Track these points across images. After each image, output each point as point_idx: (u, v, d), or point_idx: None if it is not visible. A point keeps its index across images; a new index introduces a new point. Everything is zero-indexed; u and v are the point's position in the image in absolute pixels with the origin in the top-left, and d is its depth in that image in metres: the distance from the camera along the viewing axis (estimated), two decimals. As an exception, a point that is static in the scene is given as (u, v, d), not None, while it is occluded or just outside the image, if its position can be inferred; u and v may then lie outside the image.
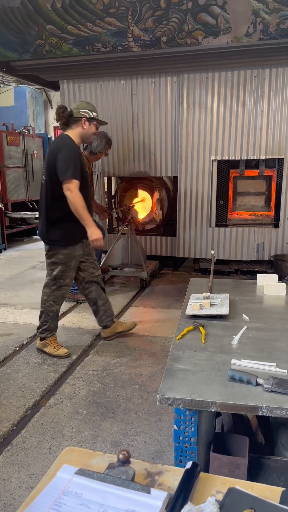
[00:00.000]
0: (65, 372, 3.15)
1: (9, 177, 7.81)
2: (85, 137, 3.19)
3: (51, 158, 3.03)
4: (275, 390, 1.33)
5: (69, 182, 2.96)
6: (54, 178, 3.03)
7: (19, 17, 4.80)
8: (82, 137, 3.17)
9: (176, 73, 5.28)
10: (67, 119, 3.09)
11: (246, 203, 5.78)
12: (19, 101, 8.69)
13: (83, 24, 4.66)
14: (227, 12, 4.23)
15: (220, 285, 2.61)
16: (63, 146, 3.04)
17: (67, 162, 2.98)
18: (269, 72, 5.01)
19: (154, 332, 3.89)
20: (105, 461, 0.91)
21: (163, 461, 2.18)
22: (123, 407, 2.68)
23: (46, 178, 3.11)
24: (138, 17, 4.49)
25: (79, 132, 3.13)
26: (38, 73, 5.73)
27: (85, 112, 3.11)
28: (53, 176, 3.04)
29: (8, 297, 4.93)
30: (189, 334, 1.84)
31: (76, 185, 2.98)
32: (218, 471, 1.34)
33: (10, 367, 3.23)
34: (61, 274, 3.21)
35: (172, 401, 1.33)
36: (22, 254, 7.42)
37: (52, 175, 3.04)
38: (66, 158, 2.99)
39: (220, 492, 0.83)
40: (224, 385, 1.40)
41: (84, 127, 3.12)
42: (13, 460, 2.22)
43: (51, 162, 3.03)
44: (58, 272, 3.20)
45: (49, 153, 3.10)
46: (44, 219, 3.16)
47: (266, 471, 1.51)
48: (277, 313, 2.13)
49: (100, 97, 5.64)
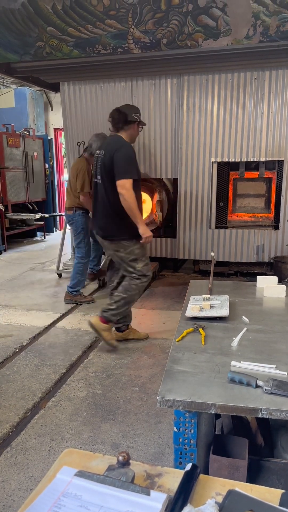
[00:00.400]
0: (64, 374, 3.15)
1: (9, 179, 7.80)
2: (133, 138, 3.41)
3: (109, 159, 3.19)
4: (275, 392, 1.33)
5: (124, 181, 3.13)
6: (110, 178, 3.20)
7: (20, 19, 4.81)
8: (131, 139, 3.38)
9: (176, 75, 5.29)
10: (123, 122, 3.30)
11: (246, 205, 5.78)
12: (20, 102, 8.69)
13: (83, 26, 4.67)
14: (227, 15, 4.24)
15: (220, 287, 2.61)
16: (121, 147, 3.22)
17: (125, 162, 3.17)
18: (269, 74, 5.02)
19: (154, 334, 3.88)
20: (104, 463, 0.91)
21: (163, 463, 2.18)
22: (123, 409, 2.68)
23: (103, 178, 3.25)
24: (138, 19, 4.50)
25: (130, 134, 3.35)
26: (39, 74, 5.74)
27: (136, 116, 3.35)
28: (109, 176, 3.21)
29: (8, 298, 4.93)
30: (189, 336, 1.84)
31: (130, 184, 3.14)
32: (218, 473, 1.34)
33: (10, 369, 3.23)
34: (142, 268, 3.38)
35: (172, 403, 1.33)
36: (22, 255, 7.42)
37: (109, 175, 3.20)
38: (125, 158, 3.17)
39: (219, 494, 0.83)
40: (224, 387, 1.40)
41: (134, 129, 3.36)
42: (12, 461, 2.22)
43: (108, 163, 3.19)
44: (141, 266, 3.37)
45: (105, 154, 3.24)
46: (109, 218, 3.30)
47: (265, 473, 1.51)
48: (277, 315, 2.13)
49: (101, 99, 5.65)
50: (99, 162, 3.31)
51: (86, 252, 4.67)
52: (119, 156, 3.16)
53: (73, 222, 4.61)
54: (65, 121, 5.89)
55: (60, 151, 9.88)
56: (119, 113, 3.30)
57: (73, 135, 5.88)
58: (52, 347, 3.60)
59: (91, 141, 4.56)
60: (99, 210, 3.39)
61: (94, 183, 3.44)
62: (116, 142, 3.27)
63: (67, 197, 4.74)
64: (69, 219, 4.69)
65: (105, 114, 5.62)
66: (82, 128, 5.81)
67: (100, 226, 3.41)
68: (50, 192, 9.32)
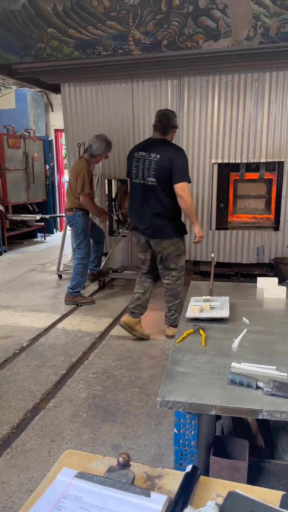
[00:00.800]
0: (65, 375, 3.14)
1: (9, 180, 7.81)
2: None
3: (167, 162, 3.33)
4: (275, 394, 1.33)
5: (184, 184, 3.33)
6: (166, 181, 3.36)
7: (20, 20, 4.82)
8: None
9: (177, 77, 5.30)
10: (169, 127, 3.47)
11: (247, 206, 5.78)
12: (20, 103, 8.70)
13: (84, 27, 4.68)
14: (227, 16, 4.25)
15: (220, 288, 2.61)
16: (176, 153, 3.40)
17: (184, 166, 3.37)
18: (269, 75, 5.02)
19: (154, 335, 3.88)
20: (105, 464, 0.91)
21: (163, 464, 2.17)
22: (123, 410, 2.68)
23: (157, 180, 3.38)
24: (139, 20, 4.50)
25: (171, 138, 3.53)
26: (39, 76, 5.75)
27: (176, 121, 3.54)
28: (166, 179, 3.36)
29: (8, 299, 4.93)
30: (189, 337, 1.84)
31: (189, 187, 3.37)
32: (218, 475, 1.33)
33: (10, 370, 3.23)
34: (183, 263, 3.65)
35: (172, 404, 1.33)
36: (22, 256, 7.42)
37: (165, 178, 3.35)
38: (183, 163, 3.38)
39: (220, 495, 0.83)
40: (224, 388, 1.40)
41: (174, 133, 3.55)
42: (12, 463, 2.22)
43: (165, 165, 3.33)
44: (183, 262, 3.63)
45: (162, 158, 3.35)
46: (161, 218, 3.47)
47: (266, 474, 1.50)
48: (277, 316, 2.13)
49: (101, 100, 5.65)
50: (151, 165, 3.39)
51: (86, 253, 4.67)
52: (179, 160, 3.34)
53: (73, 223, 4.61)
54: (65, 122, 5.90)
55: (60, 152, 9.89)
56: (167, 118, 3.44)
57: (74, 136, 5.88)
58: (52, 348, 3.60)
59: (91, 142, 4.56)
60: (146, 211, 3.50)
61: (136, 184, 3.52)
62: (171, 147, 3.45)
63: (67, 198, 4.74)
64: (69, 220, 4.69)
65: (106, 115, 5.67)
66: (82, 129, 5.81)
67: (149, 226, 3.51)
68: (51, 193, 9.33)
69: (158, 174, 3.36)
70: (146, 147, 3.49)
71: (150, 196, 3.44)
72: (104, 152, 4.57)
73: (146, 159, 3.41)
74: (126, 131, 5.66)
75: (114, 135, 5.54)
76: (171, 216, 3.47)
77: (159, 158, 3.36)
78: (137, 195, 3.53)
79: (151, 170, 3.39)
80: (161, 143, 3.45)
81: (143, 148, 3.51)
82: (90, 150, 4.55)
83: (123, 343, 3.70)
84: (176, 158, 3.33)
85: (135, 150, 3.60)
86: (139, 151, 3.52)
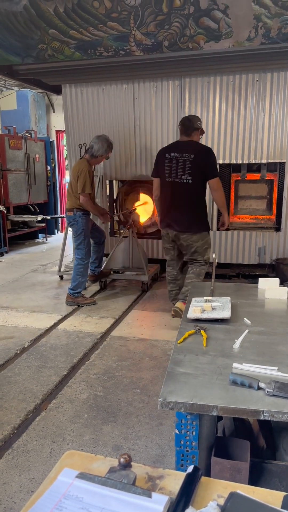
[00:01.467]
0: (66, 376, 3.14)
1: (11, 181, 7.82)
2: None
3: (200, 161, 3.67)
4: (277, 394, 1.33)
5: (217, 180, 3.73)
6: (200, 178, 3.71)
7: (22, 22, 4.84)
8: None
9: (178, 77, 5.30)
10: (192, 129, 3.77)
11: (248, 206, 5.78)
12: (21, 105, 8.71)
13: (85, 28, 4.69)
14: (228, 17, 4.25)
15: (221, 288, 2.61)
16: (208, 151, 3.76)
17: (215, 163, 3.76)
18: (270, 76, 5.02)
19: (155, 336, 3.88)
20: (106, 465, 0.91)
21: (164, 465, 2.17)
22: (124, 411, 2.68)
23: (192, 178, 3.71)
24: (140, 21, 4.51)
25: (197, 140, 3.84)
26: (41, 77, 5.76)
27: (199, 123, 3.84)
28: (199, 176, 3.70)
29: (10, 300, 4.94)
30: (190, 337, 1.83)
31: (220, 182, 3.76)
32: (220, 476, 1.33)
33: (11, 370, 3.23)
34: (209, 255, 3.90)
35: (174, 405, 1.33)
36: (23, 257, 7.42)
37: (199, 176, 3.70)
38: (214, 160, 3.76)
39: (221, 496, 0.83)
40: (226, 389, 1.39)
41: (198, 135, 3.84)
42: (13, 463, 2.22)
43: (200, 165, 3.68)
44: (209, 254, 3.89)
45: (196, 157, 3.68)
46: (192, 213, 3.80)
47: (267, 475, 1.50)
48: (279, 317, 2.13)
49: (102, 101, 5.66)
50: (186, 164, 3.70)
51: (86, 254, 4.66)
52: (211, 159, 3.71)
53: (74, 224, 4.61)
54: (66, 123, 5.91)
55: (61, 153, 9.90)
56: (189, 121, 3.78)
57: (75, 137, 5.89)
58: (54, 349, 3.60)
59: (92, 143, 4.56)
60: (178, 207, 3.82)
61: (170, 183, 3.81)
62: (201, 147, 3.79)
63: (68, 198, 4.73)
64: (69, 221, 4.69)
65: (107, 116, 5.67)
66: (84, 130, 5.82)
67: (181, 221, 3.82)
68: (52, 194, 9.34)
69: (193, 172, 3.69)
70: (178, 148, 3.80)
71: (183, 193, 3.77)
72: (105, 153, 4.56)
73: (180, 159, 3.72)
74: (127, 132, 5.67)
75: (115, 136, 5.54)
76: (201, 212, 3.80)
77: (193, 157, 3.68)
78: (169, 192, 3.85)
79: (186, 169, 3.71)
80: (191, 144, 3.78)
81: (174, 150, 3.81)
82: (91, 150, 4.55)
83: (124, 344, 3.70)
84: (208, 157, 3.71)
85: (165, 151, 3.87)
86: (170, 152, 3.81)
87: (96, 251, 5.15)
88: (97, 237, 5.07)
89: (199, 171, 3.69)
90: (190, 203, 3.79)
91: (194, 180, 3.71)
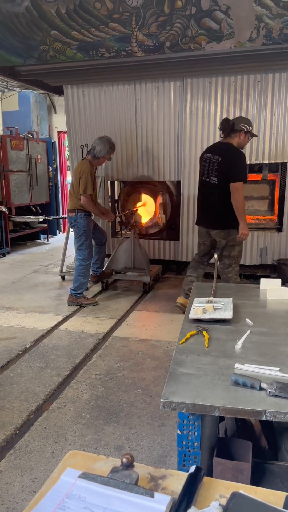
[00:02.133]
0: (68, 376, 3.15)
1: (13, 181, 7.83)
2: (240, 146, 3.82)
3: (225, 163, 3.74)
4: (279, 395, 1.33)
5: (237, 184, 3.70)
6: (225, 180, 3.75)
7: (24, 23, 4.84)
8: (238, 145, 3.80)
9: (180, 78, 5.30)
10: (230, 130, 3.75)
11: (250, 207, 5.78)
12: (23, 105, 8.73)
13: (87, 29, 4.69)
14: (230, 18, 4.25)
15: (223, 289, 2.61)
16: (234, 155, 3.74)
17: (239, 168, 3.73)
18: (272, 77, 5.02)
19: (157, 336, 3.88)
20: (108, 465, 0.91)
21: (166, 465, 2.17)
22: (126, 412, 2.68)
23: (219, 179, 3.80)
24: (142, 22, 4.52)
25: (237, 142, 3.79)
26: (42, 78, 5.77)
27: (244, 126, 3.76)
28: (224, 179, 3.75)
29: (12, 300, 4.95)
30: (192, 338, 1.84)
31: (242, 187, 3.72)
32: (222, 476, 1.33)
33: (13, 371, 3.24)
34: (239, 254, 3.99)
35: (176, 405, 1.33)
36: (25, 258, 7.43)
37: (224, 178, 3.75)
38: (239, 164, 3.74)
39: (223, 496, 0.83)
40: (228, 389, 1.40)
41: (241, 138, 3.78)
42: (16, 464, 2.22)
43: (224, 167, 3.74)
44: (237, 252, 3.96)
45: (223, 160, 3.76)
46: (218, 211, 3.91)
47: (269, 476, 1.50)
48: (281, 318, 2.13)
49: (104, 102, 5.67)
50: (214, 165, 3.82)
51: (88, 254, 4.67)
52: (235, 162, 3.72)
53: (75, 224, 4.61)
54: (68, 124, 5.92)
55: (63, 154, 9.91)
56: (226, 122, 3.78)
57: (77, 138, 5.90)
58: (56, 350, 3.61)
59: (94, 144, 4.57)
60: (209, 205, 3.99)
61: (203, 182, 3.99)
62: (231, 149, 3.77)
63: (69, 199, 4.74)
64: (71, 221, 4.69)
65: (109, 117, 5.68)
66: (85, 131, 5.83)
67: (210, 218, 4.00)
68: (54, 195, 9.35)
69: (219, 174, 3.79)
70: (212, 150, 3.93)
71: (212, 192, 3.90)
72: (107, 154, 4.57)
73: (211, 161, 3.85)
74: (129, 133, 5.67)
75: (117, 137, 5.55)
76: (227, 210, 3.83)
77: (220, 160, 3.78)
78: (202, 191, 4.06)
79: (213, 171, 3.84)
80: (224, 147, 3.84)
81: (210, 151, 3.94)
82: (93, 152, 4.56)
83: (126, 345, 3.70)
84: (233, 160, 3.73)
85: (205, 151, 4.01)
86: (207, 153, 3.95)
87: (98, 252, 5.16)
88: (99, 238, 5.07)
89: (223, 174, 3.76)
90: (217, 202, 3.89)
91: (219, 182, 3.81)
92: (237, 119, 3.86)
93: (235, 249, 3.96)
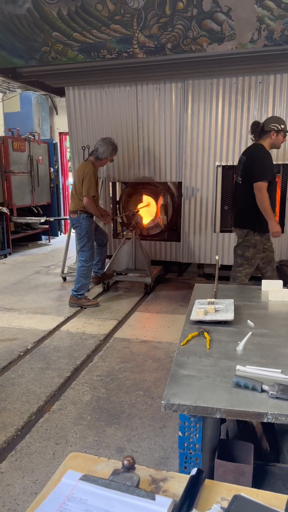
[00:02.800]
0: (69, 377, 3.15)
1: (14, 183, 7.84)
2: (274, 145, 3.82)
3: (249, 163, 3.77)
4: (280, 397, 1.33)
5: (259, 184, 3.68)
6: (247, 180, 3.77)
7: (26, 25, 4.85)
8: (271, 145, 3.80)
9: (181, 79, 5.31)
10: (260, 132, 3.76)
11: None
12: (25, 107, 8.74)
13: (88, 31, 4.70)
14: (231, 19, 4.25)
15: (224, 290, 2.61)
16: (259, 154, 3.75)
17: (261, 167, 3.71)
18: (273, 78, 5.02)
19: (159, 338, 3.88)
20: (109, 467, 0.91)
21: (168, 467, 2.17)
22: (128, 413, 2.68)
23: (243, 179, 3.84)
24: (143, 24, 4.52)
25: (269, 142, 3.78)
26: (44, 79, 5.77)
27: (274, 125, 3.73)
28: (247, 178, 3.77)
29: (13, 301, 4.95)
30: (193, 339, 1.83)
31: (265, 187, 3.69)
32: (223, 478, 1.33)
33: (15, 372, 3.24)
34: (253, 256, 3.95)
35: (177, 407, 1.33)
36: (27, 259, 7.44)
37: (247, 178, 3.77)
38: (261, 165, 3.71)
39: (225, 499, 0.83)
40: (229, 391, 1.39)
41: (273, 137, 3.75)
42: (17, 465, 2.22)
43: (248, 166, 3.78)
44: (251, 254, 3.93)
45: (247, 160, 3.81)
46: (238, 209, 3.98)
47: (271, 478, 1.50)
48: (282, 319, 2.12)
49: (106, 103, 5.67)
50: (240, 166, 3.89)
51: (90, 256, 4.67)
52: (258, 162, 3.72)
53: (77, 226, 4.62)
54: (70, 125, 5.92)
55: (65, 155, 9.92)
56: (254, 125, 3.80)
57: (78, 139, 5.90)
58: (57, 351, 3.61)
59: (97, 145, 4.57)
60: (235, 204, 4.12)
61: (235, 182, 4.09)
62: (254, 150, 3.81)
63: (71, 200, 4.74)
64: (73, 223, 4.70)
65: (110, 118, 5.68)
66: (87, 132, 5.84)
67: (234, 216, 4.11)
68: (55, 196, 9.36)
69: (243, 174, 3.85)
70: (245, 151, 4.01)
71: (238, 192, 3.99)
72: (110, 155, 4.58)
73: (240, 161, 3.92)
74: (130, 134, 5.68)
75: (119, 138, 5.55)
76: (248, 210, 3.83)
77: (245, 160, 3.84)
78: (234, 191, 4.24)
79: (239, 171, 3.92)
80: (252, 147, 3.88)
81: (244, 152, 4.01)
82: (96, 153, 4.56)
83: (127, 346, 3.70)
84: (256, 160, 3.74)
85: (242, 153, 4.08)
86: (242, 154, 4.00)
87: (99, 253, 5.16)
88: (100, 239, 5.08)
89: (247, 173, 3.79)
90: (240, 201, 3.94)
91: (243, 182, 3.85)
92: (268, 119, 3.83)
93: (249, 251, 3.94)
